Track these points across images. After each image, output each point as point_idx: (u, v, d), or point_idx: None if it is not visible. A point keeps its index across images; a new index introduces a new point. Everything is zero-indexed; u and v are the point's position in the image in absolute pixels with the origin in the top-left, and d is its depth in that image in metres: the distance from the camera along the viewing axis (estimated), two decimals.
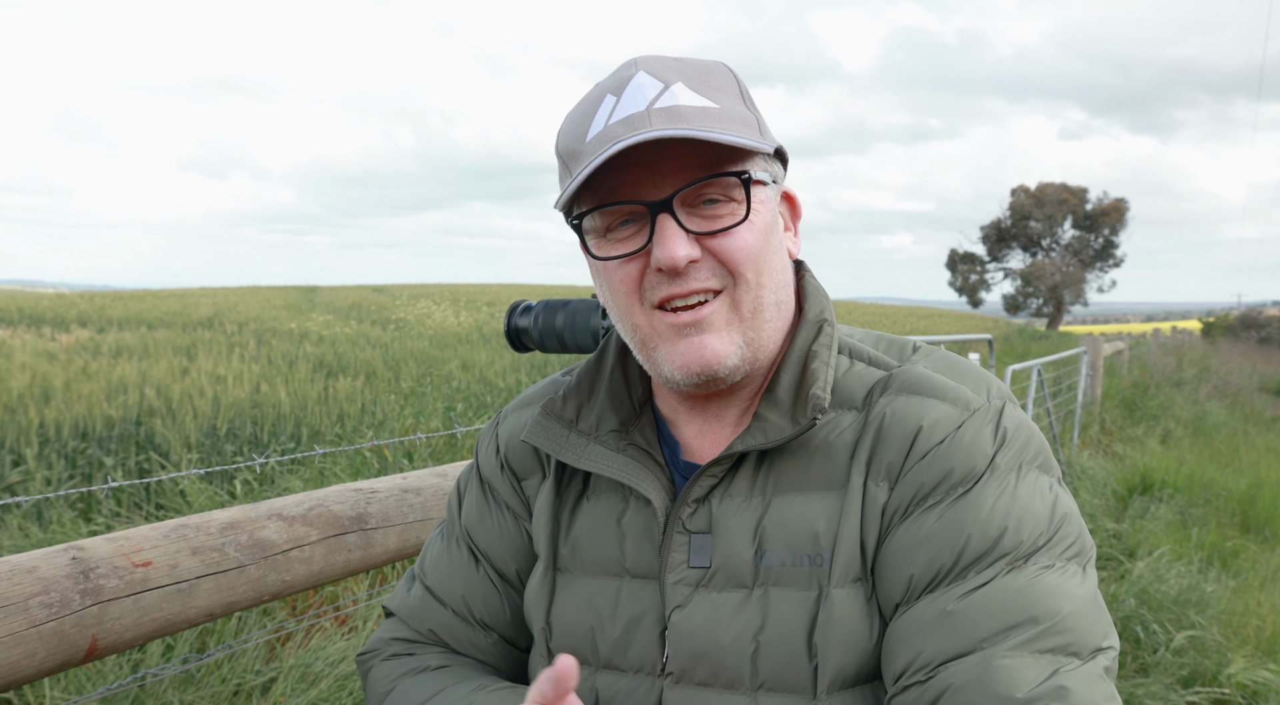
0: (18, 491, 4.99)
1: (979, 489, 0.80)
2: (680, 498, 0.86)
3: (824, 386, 0.84)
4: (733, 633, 0.82)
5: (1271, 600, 3.90)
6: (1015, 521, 0.79)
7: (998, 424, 0.83)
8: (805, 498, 0.83)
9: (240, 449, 6.23)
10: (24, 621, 1.03)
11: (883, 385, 0.86)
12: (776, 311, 0.85)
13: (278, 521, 1.36)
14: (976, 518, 0.79)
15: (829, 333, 0.88)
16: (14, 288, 75.41)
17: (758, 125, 0.83)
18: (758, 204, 0.82)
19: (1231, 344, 27.65)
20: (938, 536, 0.79)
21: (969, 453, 0.81)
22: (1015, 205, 50.13)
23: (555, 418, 0.91)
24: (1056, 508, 0.82)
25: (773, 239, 0.85)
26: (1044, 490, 0.82)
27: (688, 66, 0.82)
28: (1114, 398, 10.43)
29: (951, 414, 0.83)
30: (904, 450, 0.82)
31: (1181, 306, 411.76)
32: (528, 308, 1.29)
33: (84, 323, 16.21)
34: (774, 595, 0.82)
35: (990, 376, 0.90)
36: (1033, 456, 0.84)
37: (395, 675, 0.96)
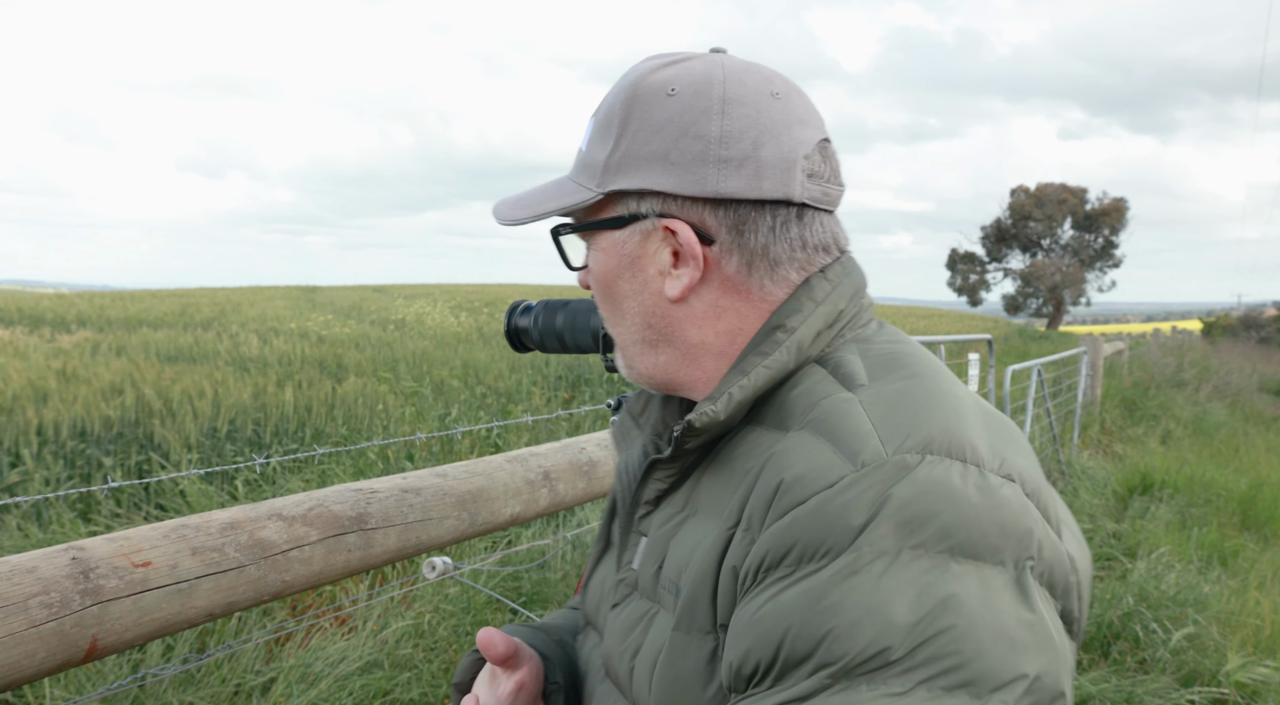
0: (17, 492, 4.99)
1: (825, 572, 0.64)
2: (635, 497, 0.88)
3: (718, 396, 0.77)
4: (625, 644, 0.83)
5: (1271, 600, 3.90)
6: (848, 623, 0.61)
7: (887, 490, 0.65)
8: (704, 522, 0.79)
9: (241, 449, 6.24)
10: (24, 621, 1.03)
11: (810, 411, 0.74)
12: (649, 348, 0.85)
13: (278, 521, 1.36)
14: (806, 608, 0.63)
15: (778, 338, 0.79)
16: (14, 288, 75.42)
17: (601, 168, 0.81)
18: (597, 253, 0.85)
19: (1231, 344, 27.66)
20: (764, 623, 0.65)
21: (829, 522, 0.65)
22: (1015, 205, 50.15)
23: (629, 411, 0.98)
24: (940, 614, 0.61)
25: (620, 284, 0.84)
26: (929, 587, 0.62)
27: (625, 88, 0.82)
28: (1114, 398, 10.44)
29: (832, 467, 0.67)
30: (766, 502, 0.69)
31: (1181, 306, 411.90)
32: (528, 308, 1.29)
33: (84, 323, 16.21)
34: (659, 618, 0.80)
35: (939, 422, 0.70)
36: (938, 539, 0.63)
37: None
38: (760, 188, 0.78)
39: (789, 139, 0.79)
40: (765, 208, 0.79)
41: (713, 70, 0.80)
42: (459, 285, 38.58)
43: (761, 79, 0.80)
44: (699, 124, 0.78)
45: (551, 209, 0.85)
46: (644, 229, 0.81)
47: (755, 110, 0.79)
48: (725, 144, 0.78)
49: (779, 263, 0.80)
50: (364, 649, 2.92)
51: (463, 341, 14.09)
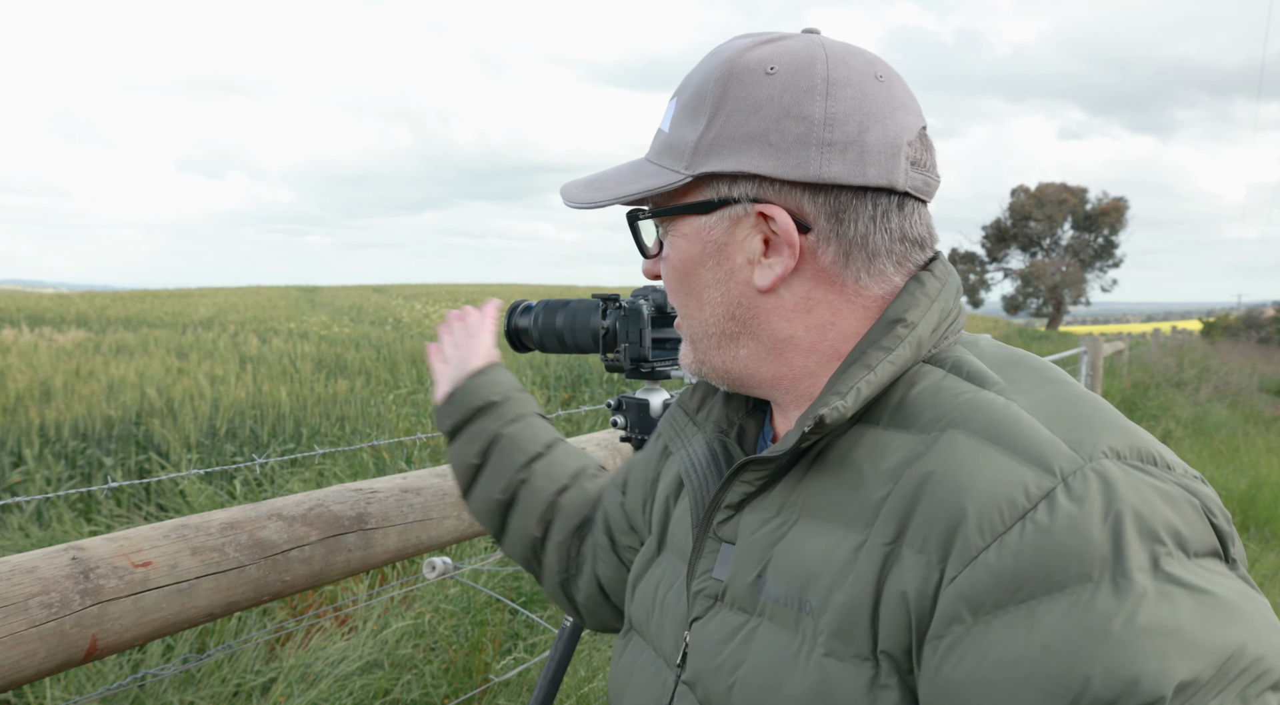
0: (18, 492, 4.99)
1: (1090, 602, 0.57)
2: (714, 502, 0.81)
3: (846, 390, 0.71)
4: (721, 659, 0.76)
5: (1271, 600, 3.90)
6: (1155, 655, 0.55)
7: (1110, 501, 0.60)
8: (821, 528, 0.72)
9: (240, 449, 6.24)
10: (24, 621, 1.03)
11: (955, 411, 0.69)
12: (728, 341, 0.81)
13: (278, 521, 1.36)
14: (1094, 647, 0.56)
15: (900, 333, 0.74)
16: (13, 288, 75.37)
17: (691, 150, 0.77)
18: (677, 238, 0.81)
19: (1231, 344, 27.66)
20: (1034, 669, 0.57)
21: (1065, 544, 0.59)
22: (1015, 205, 50.16)
23: (683, 406, 0.95)
24: (1226, 623, 0.57)
25: (701, 273, 0.80)
26: (1200, 599, 0.58)
27: (712, 68, 0.78)
28: (1114, 398, 10.44)
29: (1025, 479, 0.62)
30: (950, 525, 0.63)
31: (1181, 306, 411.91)
32: (528, 308, 1.29)
33: (84, 323, 16.22)
34: (765, 631, 0.73)
35: (1117, 422, 0.67)
36: (1178, 546, 0.60)
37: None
38: (864, 174, 0.73)
39: (894, 124, 0.75)
40: (867, 195, 0.75)
41: (813, 50, 0.75)
42: (459, 285, 38.59)
43: (864, 61, 0.76)
44: (801, 104, 0.73)
45: (635, 191, 0.79)
46: (734, 214, 0.77)
47: (860, 92, 0.74)
48: (829, 126, 0.73)
49: (876, 255, 0.76)
50: (364, 649, 2.92)
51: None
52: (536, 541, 1.16)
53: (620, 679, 0.92)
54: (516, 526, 1.18)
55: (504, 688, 2.80)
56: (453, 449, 1.21)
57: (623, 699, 0.90)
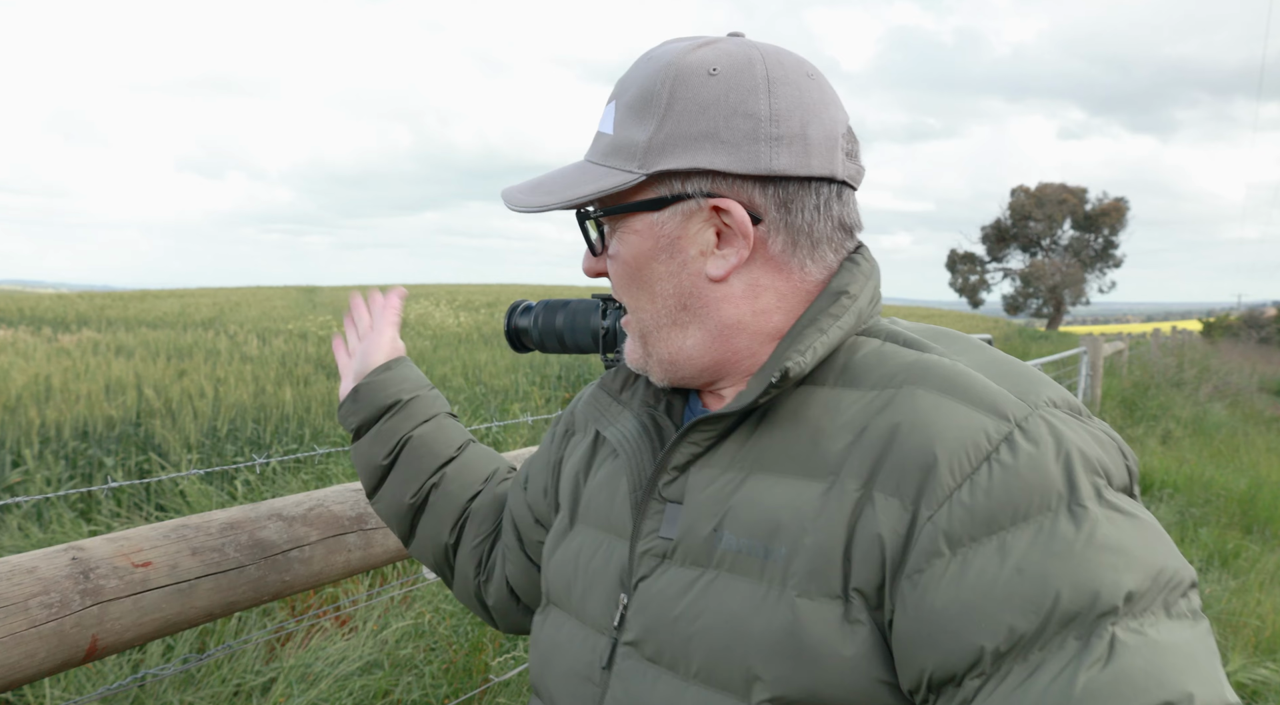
0: (18, 492, 4.99)
1: (1054, 528, 0.66)
2: (660, 464, 0.84)
3: (804, 350, 0.78)
4: (676, 612, 0.79)
5: (1271, 600, 3.90)
6: (1110, 570, 0.64)
7: (1059, 441, 0.69)
8: (779, 480, 0.77)
9: (240, 449, 6.24)
10: (24, 621, 1.03)
11: (907, 370, 0.76)
12: (678, 330, 0.84)
13: (278, 521, 1.36)
14: (1060, 567, 0.64)
15: (844, 304, 0.80)
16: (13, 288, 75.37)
17: (643, 150, 0.80)
18: (629, 234, 0.83)
19: (1232, 344, 27.66)
20: (1012, 590, 0.64)
21: (1027, 479, 0.67)
22: (1015, 205, 50.16)
23: (605, 388, 0.98)
24: (1154, 541, 0.67)
25: (655, 266, 0.83)
26: (1133, 522, 0.68)
27: (651, 71, 0.81)
28: (1114, 398, 10.44)
29: (985, 425, 0.70)
30: (922, 470, 0.69)
31: (1181, 306, 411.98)
32: (528, 308, 1.29)
33: (84, 323, 16.22)
34: (724, 582, 0.77)
35: (1047, 379, 0.77)
36: (1108, 478, 0.70)
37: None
38: (809, 165, 0.79)
39: (828, 118, 0.81)
40: (811, 185, 0.80)
41: (749, 51, 0.80)
42: (459, 285, 38.58)
43: (795, 61, 0.81)
44: (747, 103, 0.78)
45: (589, 192, 0.82)
46: (687, 209, 0.81)
47: (798, 89, 0.79)
48: (775, 122, 0.78)
49: (819, 242, 0.82)
50: (364, 649, 2.92)
51: (463, 342, 14.09)
52: (449, 547, 1.16)
53: (543, 652, 0.94)
54: (427, 532, 1.17)
55: (504, 688, 2.80)
56: (358, 447, 1.18)
57: (547, 672, 0.92)
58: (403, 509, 1.16)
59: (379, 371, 1.18)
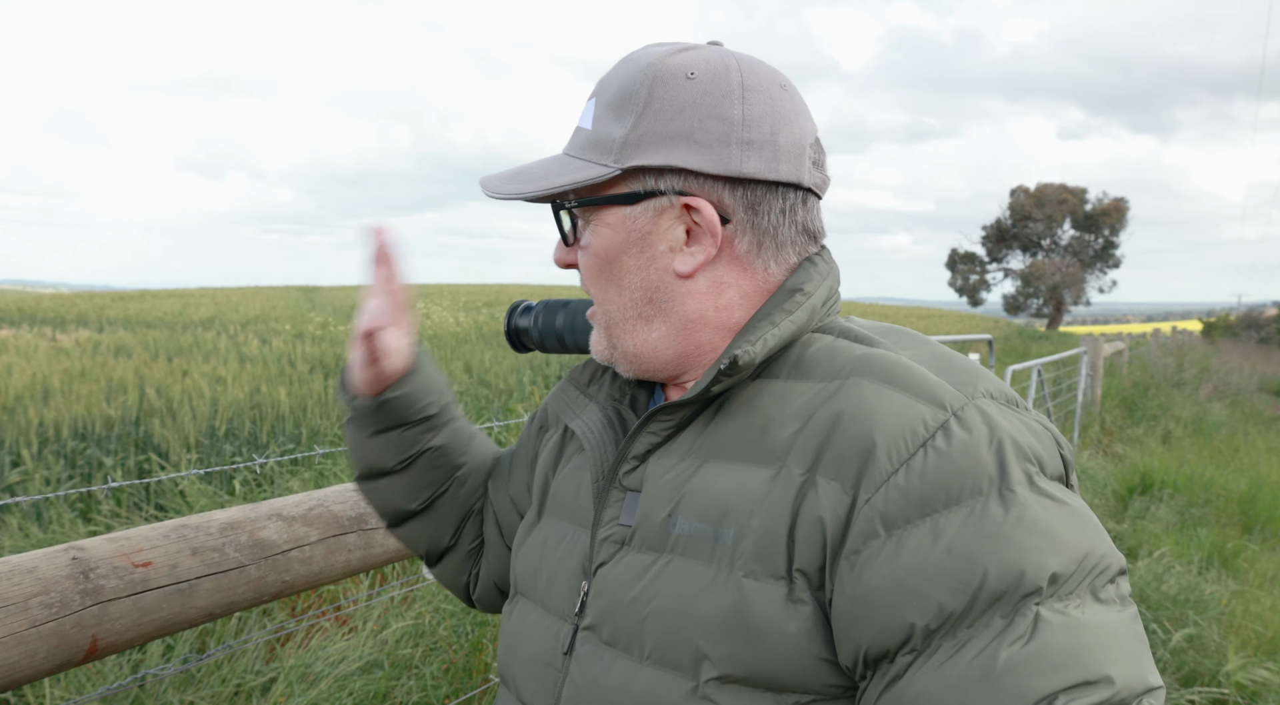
0: (17, 491, 4.99)
1: (985, 511, 0.69)
2: (620, 453, 0.87)
3: (755, 341, 0.80)
4: (633, 594, 0.81)
5: (1271, 600, 3.90)
6: (1035, 552, 0.67)
7: (993, 430, 0.73)
8: (730, 467, 0.80)
9: (240, 449, 6.24)
10: (24, 621, 1.03)
11: (853, 364, 0.79)
12: (643, 323, 0.87)
13: (278, 521, 1.36)
14: (989, 548, 0.68)
15: (797, 300, 0.83)
16: (13, 288, 75.36)
17: (619, 146, 0.82)
18: (601, 227, 0.86)
19: (1231, 344, 27.67)
20: (942, 570, 0.68)
21: (960, 464, 0.70)
22: (1015, 205, 50.18)
23: (573, 381, 1.00)
24: (1081, 527, 0.71)
25: (625, 259, 0.85)
26: (1062, 507, 0.71)
27: (632, 71, 0.84)
28: (1114, 398, 10.44)
29: (923, 414, 0.73)
30: (861, 455, 0.73)
31: (1181, 306, 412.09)
32: (528, 308, 1.29)
33: (84, 323, 16.21)
34: (677, 565, 0.79)
35: (986, 373, 0.80)
36: (1039, 466, 0.73)
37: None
38: (777, 170, 0.82)
39: (798, 128, 0.84)
40: (778, 190, 0.83)
41: (726, 58, 0.84)
42: (459, 285, 38.58)
43: (769, 72, 0.85)
44: (721, 107, 0.81)
45: (565, 183, 0.84)
46: (659, 205, 0.84)
47: (770, 98, 0.83)
48: (747, 127, 0.81)
49: (783, 245, 0.85)
50: (364, 649, 2.92)
51: (463, 342, 14.10)
52: (447, 548, 1.15)
53: (510, 641, 0.96)
54: (425, 534, 1.14)
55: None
56: (362, 441, 1.07)
57: (514, 659, 0.94)
58: (400, 512, 1.12)
59: (407, 381, 1.04)
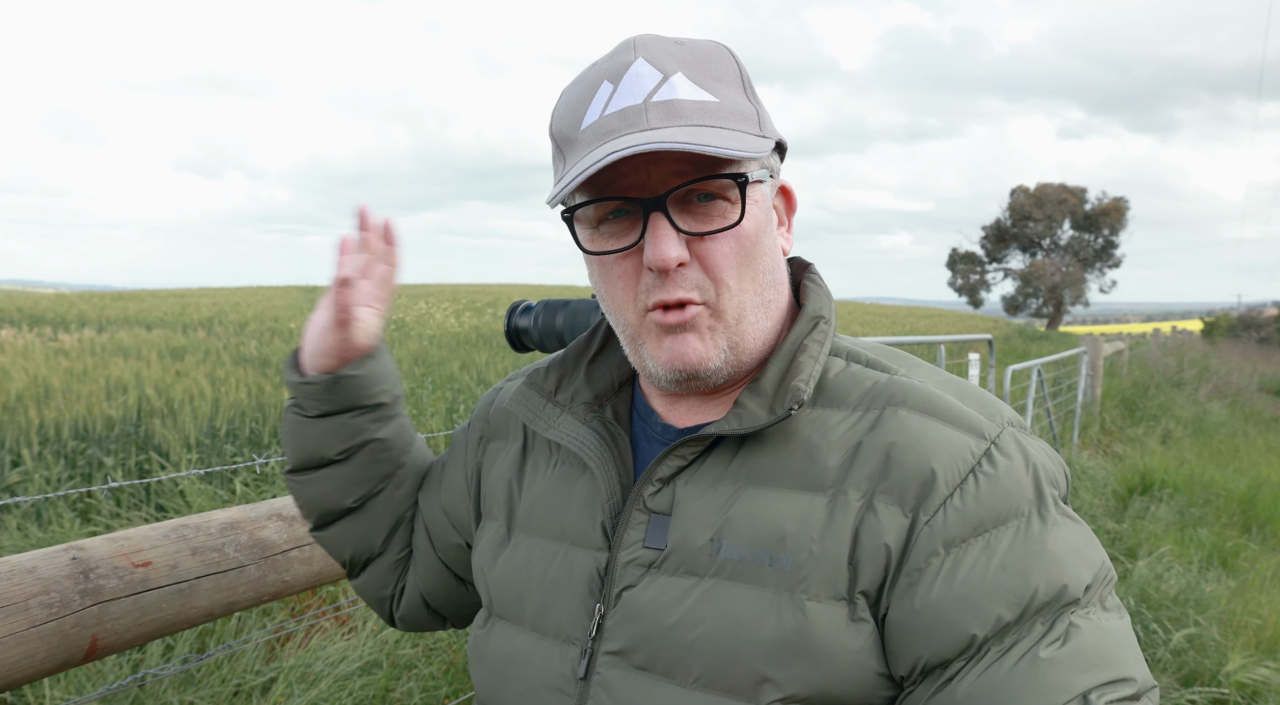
0: (17, 492, 4.99)
1: (1029, 529, 0.76)
2: (644, 475, 0.84)
3: (807, 379, 0.82)
4: (674, 619, 0.79)
5: (1271, 600, 3.90)
6: (1072, 567, 0.75)
7: (1025, 456, 0.79)
8: (779, 494, 0.80)
9: (240, 449, 6.24)
10: (24, 621, 1.03)
11: (885, 392, 0.82)
12: (764, 311, 0.83)
13: (278, 521, 1.36)
14: (1035, 564, 0.74)
15: (824, 330, 0.85)
16: (13, 288, 75.33)
17: (757, 118, 0.81)
18: (751, 205, 0.80)
19: (1231, 344, 27.66)
20: (996, 585, 0.74)
21: (1006, 489, 0.77)
22: (1014, 205, 50.17)
23: (536, 388, 0.95)
24: (1093, 543, 0.79)
25: (764, 240, 0.83)
26: (1080, 526, 0.79)
27: (688, 51, 0.80)
28: (1114, 398, 10.44)
29: (967, 443, 0.78)
30: (922, 483, 0.77)
31: (1181, 306, 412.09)
32: (528, 308, 1.29)
33: (85, 323, 16.22)
34: (725, 589, 0.79)
35: (999, 399, 0.86)
36: (1058, 490, 0.80)
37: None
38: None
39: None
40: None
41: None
42: (459, 285, 38.57)
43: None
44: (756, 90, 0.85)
45: (755, 150, 0.77)
46: (774, 184, 0.86)
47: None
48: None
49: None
50: (364, 649, 2.92)
51: (463, 342, 14.09)
52: (374, 555, 1.10)
53: (495, 668, 0.90)
54: (354, 535, 1.08)
55: None
56: (305, 426, 1.01)
57: (503, 687, 0.89)
58: (333, 509, 1.06)
59: (366, 362, 0.99)
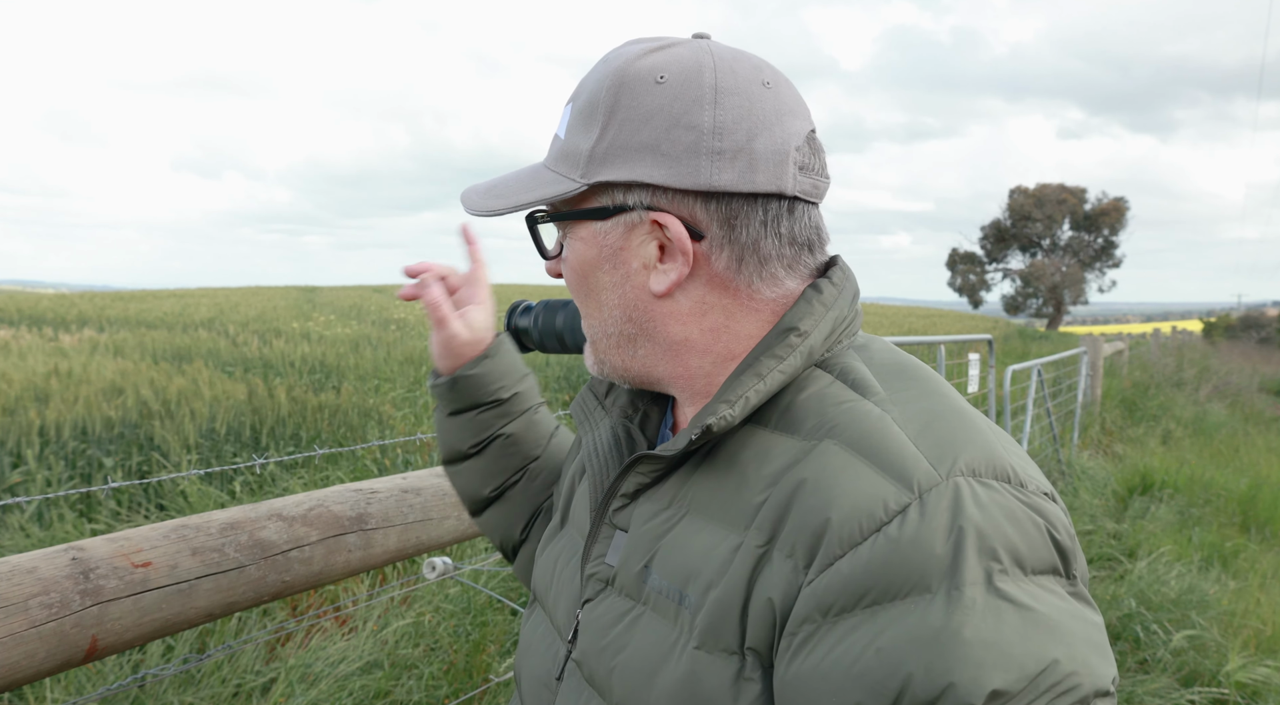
0: (18, 492, 4.99)
1: (924, 611, 0.62)
2: (610, 489, 0.84)
3: (735, 399, 0.75)
4: (606, 641, 0.79)
5: (1271, 600, 3.90)
6: (972, 665, 0.60)
7: (956, 518, 0.64)
8: (706, 527, 0.75)
9: (239, 450, 6.24)
10: (24, 622, 1.03)
11: (830, 420, 0.73)
12: (626, 342, 0.83)
13: (278, 522, 1.36)
14: (918, 652, 0.61)
15: (792, 342, 0.77)
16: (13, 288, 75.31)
17: (584, 159, 0.78)
18: (576, 241, 0.83)
19: (1231, 344, 27.65)
20: (865, 669, 0.62)
21: (908, 557, 0.63)
22: (1014, 205, 50.17)
23: (592, 390, 0.96)
24: (1047, 641, 0.61)
25: (597, 276, 0.82)
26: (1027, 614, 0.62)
27: (611, 74, 0.79)
28: (1114, 398, 10.43)
29: (886, 494, 0.66)
30: (814, 534, 0.67)
31: (1181, 306, 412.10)
32: (528, 308, 1.29)
33: (85, 323, 16.22)
34: (648, 620, 0.76)
35: (979, 439, 0.71)
36: (1014, 562, 0.64)
37: None
38: (754, 181, 0.75)
39: (781, 131, 0.77)
40: (758, 201, 0.77)
41: (702, 57, 0.77)
42: None
43: (751, 68, 0.78)
44: (691, 114, 0.75)
45: (531, 200, 0.81)
46: (629, 221, 0.79)
47: (748, 100, 0.76)
48: (718, 135, 0.75)
49: (768, 259, 0.78)
50: (364, 649, 2.92)
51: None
52: (519, 542, 1.17)
53: (523, 648, 0.95)
54: (496, 520, 1.17)
55: (504, 688, 2.80)
56: (445, 422, 1.13)
57: (523, 670, 0.93)
58: (478, 498, 1.15)
59: (481, 362, 1.09)
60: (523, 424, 1.13)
